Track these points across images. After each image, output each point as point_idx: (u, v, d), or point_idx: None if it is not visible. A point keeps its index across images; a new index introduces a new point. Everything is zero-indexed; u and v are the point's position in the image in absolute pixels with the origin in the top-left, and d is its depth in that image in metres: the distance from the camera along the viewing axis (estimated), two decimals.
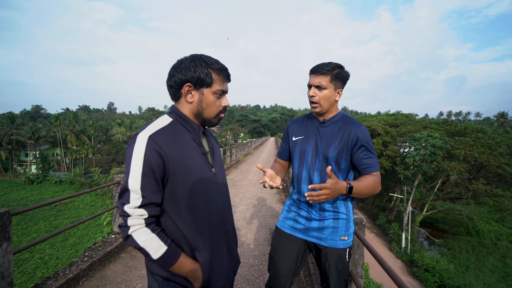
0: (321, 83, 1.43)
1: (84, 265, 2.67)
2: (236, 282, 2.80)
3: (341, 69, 1.45)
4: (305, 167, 1.52)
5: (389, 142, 24.20)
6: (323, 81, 1.43)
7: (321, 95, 1.45)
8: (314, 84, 1.46)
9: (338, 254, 1.48)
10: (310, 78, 1.49)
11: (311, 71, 1.48)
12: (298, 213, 1.57)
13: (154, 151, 0.90)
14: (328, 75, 1.43)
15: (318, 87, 1.45)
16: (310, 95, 1.48)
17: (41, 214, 20.70)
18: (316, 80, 1.45)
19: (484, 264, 18.83)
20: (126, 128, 49.18)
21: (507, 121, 60.99)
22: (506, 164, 18.01)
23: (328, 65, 1.44)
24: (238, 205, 5.91)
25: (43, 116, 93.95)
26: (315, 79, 1.46)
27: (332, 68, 1.43)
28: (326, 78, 1.43)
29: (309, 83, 1.49)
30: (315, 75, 1.46)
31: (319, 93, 1.46)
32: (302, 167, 1.54)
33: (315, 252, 1.54)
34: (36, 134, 44.69)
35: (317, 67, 1.46)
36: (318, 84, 1.44)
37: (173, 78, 1.01)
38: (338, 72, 1.44)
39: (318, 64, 1.47)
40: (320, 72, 1.44)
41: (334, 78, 1.44)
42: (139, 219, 0.89)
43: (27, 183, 31.42)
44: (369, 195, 1.44)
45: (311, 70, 1.49)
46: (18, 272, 12.46)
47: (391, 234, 21.01)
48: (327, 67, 1.43)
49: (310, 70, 1.50)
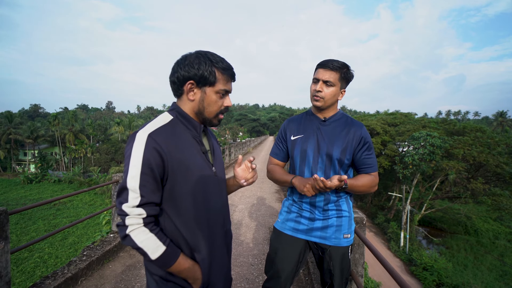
0: (330, 79, 1.40)
1: (82, 264, 2.66)
2: (236, 281, 2.79)
3: (348, 69, 1.43)
4: (307, 167, 1.48)
5: (388, 141, 24.21)
6: (332, 77, 1.40)
7: (328, 91, 1.42)
8: (323, 79, 1.41)
9: (342, 252, 1.47)
10: (318, 72, 1.44)
11: (320, 64, 1.44)
12: (300, 214, 1.53)
13: (153, 150, 0.88)
14: (338, 72, 1.40)
15: (327, 83, 1.41)
16: (317, 89, 1.43)
17: (40, 213, 20.63)
18: (326, 75, 1.40)
19: (482, 263, 18.90)
20: (124, 127, 49.07)
21: (506, 120, 61.17)
22: (505, 163, 18.06)
23: (338, 62, 1.41)
24: (237, 204, 5.90)
25: (41, 115, 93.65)
26: (324, 73, 1.41)
27: (342, 66, 1.41)
28: (336, 75, 1.40)
29: (317, 76, 1.44)
30: (325, 69, 1.41)
31: (326, 89, 1.42)
32: (304, 167, 1.50)
33: (321, 251, 1.51)
34: (35, 133, 44.52)
35: (327, 62, 1.41)
36: (328, 79, 1.40)
37: (176, 74, 0.98)
38: (346, 71, 1.42)
39: (328, 59, 1.43)
40: (331, 67, 1.40)
41: (343, 77, 1.42)
42: (137, 219, 0.87)
43: (25, 182, 31.28)
44: (363, 193, 1.46)
45: (320, 64, 1.45)
46: (17, 271, 12.41)
47: (390, 233, 21.06)
48: (337, 63, 1.40)
49: (318, 63, 1.46)
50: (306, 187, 1.35)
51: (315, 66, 1.48)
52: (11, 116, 45.54)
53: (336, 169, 1.45)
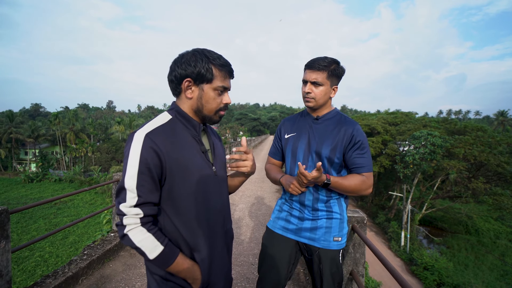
0: (317, 79, 1.39)
1: (83, 264, 2.66)
2: (236, 280, 2.79)
3: (337, 65, 1.41)
4: (297, 165, 1.48)
5: (388, 141, 24.17)
6: (319, 78, 1.39)
7: (317, 91, 1.41)
8: (310, 80, 1.41)
9: (331, 255, 1.43)
10: (305, 73, 1.44)
11: (307, 65, 1.44)
12: (290, 212, 1.51)
13: (151, 150, 0.88)
14: (325, 71, 1.39)
15: (315, 84, 1.41)
16: (306, 91, 1.43)
17: (40, 212, 20.67)
18: (312, 76, 1.40)
19: (483, 263, 18.89)
20: (125, 126, 49.18)
21: (507, 119, 61.03)
22: (506, 162, 18.03)
23: (325, 60, 1.39)
24: (237, 203, 5.90)
25: (42, 114, 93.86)
26: (311, 74, 1.41)
27: (329, 64, 1.39)
28: (323, 75, 1.39)
29: (305, 78, 1.44)
30: (311, 70, 1.41)
31: (315, 90, 1.41)
32: (294, 165, 1.50)
33: (308, 253, 1.48)
34: (36, 133, 44.59)
35: (313, 62, 1.40)
36: (315, 80, 1.40)
37: (174, 72, 0.98)
38: (335, 68, 1.40)
39: (314, 59, 1.42)
40: (317, 68, 1.39)
41: (331, 74, 1.40)
42: (134, 218, 0.87)
43: (26, 181, 31.34)
44: (353, 194, 1.40)
45: (306, 65, 1.44)
46: (18, 270, 12.45)
47: (390, 232, 21.05)
48: (323, 62, 1.38)
49: (305, 64, 1.45)
50: (291, 186, 1.35)
51: (304, 67, 1.47)
52: (12, 115, 45.60)
53: (325, 167, 1.43)
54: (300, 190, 1.35)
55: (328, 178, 1.31)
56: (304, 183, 1.29)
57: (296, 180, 1.33)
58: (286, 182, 1.41)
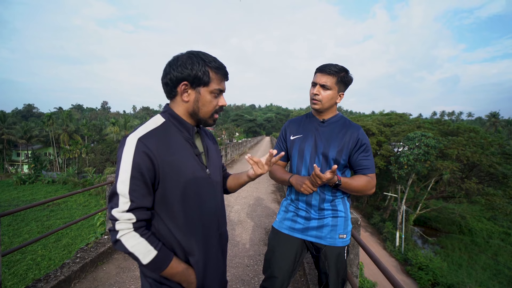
0: (327, 83, 1.46)
1: (76, 267, 2.62)
2: (231, 282, 2.78)
3: (346, 73, 1.48)
4: (304, 166, 1.53)
5: (383, 142, 24.39)
6: (329, 82, 1.46)
7: (325, 95, 1.47)
8: (320, 83, 1.47)
9: (337, 252, 1.49)
10: (316, 76, 1.51)
11: (318, 69, 1.50)
12: (297, 213, 1.56)
13: (143, 154, 0.87)
14: (335, 76, 1.46)
15: (323, 87, 1.47)
16: (314, 93, 1.49)
17: (33, 215, 20.35)
18: (322, 79, 1.47)
19: (476, 262, 19.12)
20: (120, 127, 48.67)
21: (499, 121, 61.97)
22: (498, 163, 18.32)
23: (336, 66, 1.46)
24: (233, 204, 5.89)
25: (35, 115, 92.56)
26: (321, 78, 1.47)
27: (339, 70, 1.46)
28: (332, 79, 1.46)
29: (315, 80, 1.50)
30: (322, 74, 1.48)
31: (323, 93, 1.48)
32: (301, 166, 1.54)
33: (315, 251, 1.54)
34: (28, 134, 44.01)
35: (324, 66, 1.47)
36: (324, 83, 1.46)
37: (169, 75, 0.97)
38: (344, 75, 1.47)
39: (326, 64, 1.49)
40: (328, 72, 1.46)
41: (340, 80, 1.47)
42: (127, 223, 0.87)
43: (18, 183, 30.87)
44: (359, 194, 1.48)
45: (318, 69, 1.51)
46: (9, 274, 12.22)
47: (385, 233, 21.21)
48: (334, 68, 1.46)
49: (317, 68, 1.52)
50: (303, 186, 1.38)
51: (315, 70, 1.54)
52: (4, 116, 44.84)
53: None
54: (312, 190, 1.39)
55: (339, 179, 1.38)
56: (317, 184, 1.33)
57: (309, 181, 1.37)
58: (297, 182, 1.44)
